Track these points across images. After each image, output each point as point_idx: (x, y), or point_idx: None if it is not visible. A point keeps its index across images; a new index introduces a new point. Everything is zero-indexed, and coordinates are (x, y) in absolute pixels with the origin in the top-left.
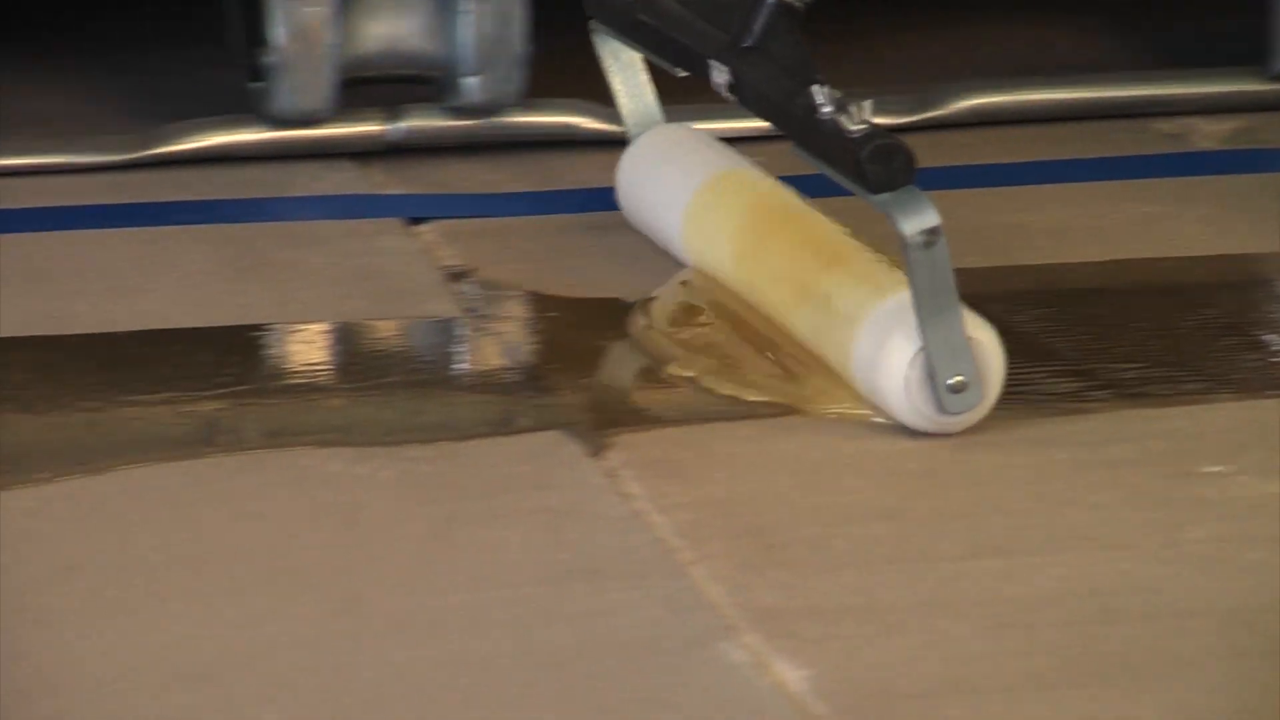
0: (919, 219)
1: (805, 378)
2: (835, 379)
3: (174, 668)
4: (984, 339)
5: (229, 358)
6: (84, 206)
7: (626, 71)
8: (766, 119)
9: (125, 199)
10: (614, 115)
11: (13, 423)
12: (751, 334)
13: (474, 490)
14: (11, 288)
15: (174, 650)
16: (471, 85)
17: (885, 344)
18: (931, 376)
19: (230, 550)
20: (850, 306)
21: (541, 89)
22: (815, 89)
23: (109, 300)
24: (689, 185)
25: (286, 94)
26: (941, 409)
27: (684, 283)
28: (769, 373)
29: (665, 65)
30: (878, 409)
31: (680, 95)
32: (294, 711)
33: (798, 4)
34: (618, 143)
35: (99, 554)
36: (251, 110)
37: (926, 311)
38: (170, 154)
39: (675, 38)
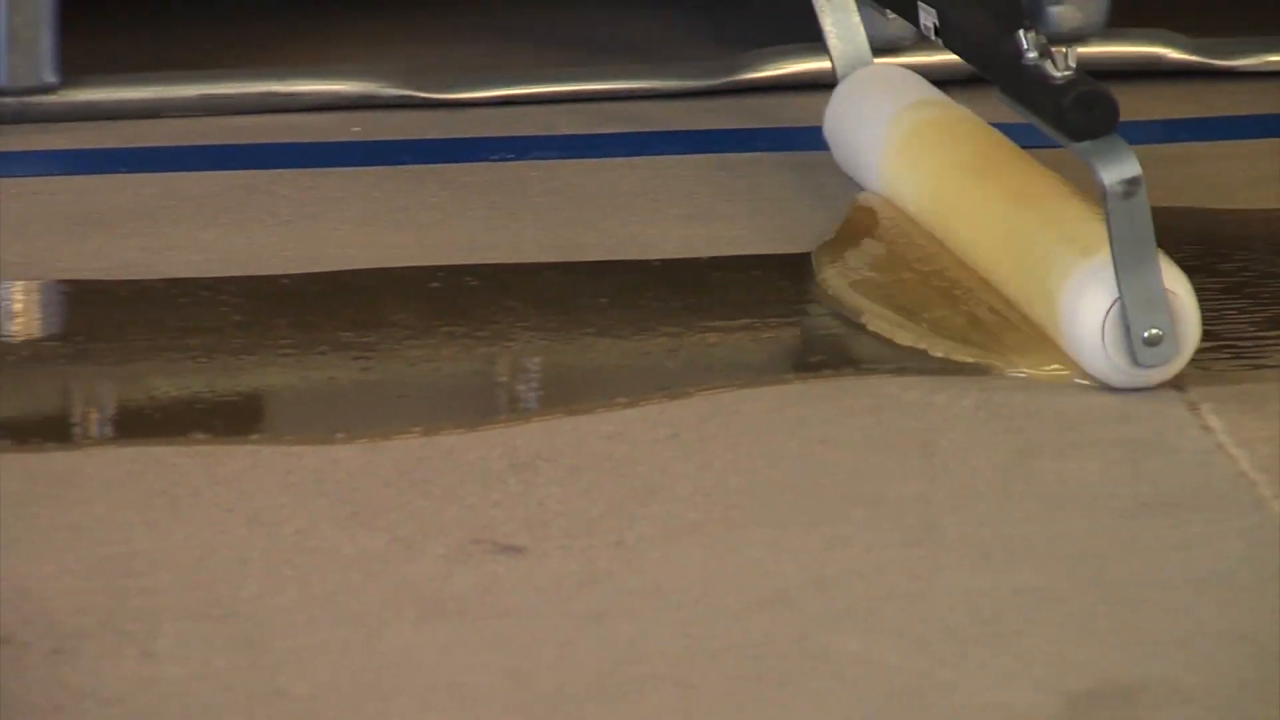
0: (1119, 168)
1: (1001, 333)
2: (1031, 334)
3: (751, 592)
4: (1180, 292)
5: (808, 285)
6: (667, 132)
7: (839, 12)
8: (971, 62)
9: (708, 125)
10: (1201, 46)
11: (595, 346)
12: (941, 277)
13: (1052, 421)
14: (595, 212)
15: (751, 575)
16: (1056, 15)
17: (1082, 295)
18: (1127, 329)
19: (808, 476)
20: (1057, 257)
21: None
22: (1021, 34)
23: (687, 225)
24: (892, 123)
25: (866, 23)
26: (1135, 362)
27: (861, 210)
28: (959, 327)
29: (874, 7)
30: (1074, 365)
31: None
32: (870, 639)
33: None
34: (1203, 75)
35: (679, 478)
36: None
37: (1124, 262)
38: (752, 81)
39: None
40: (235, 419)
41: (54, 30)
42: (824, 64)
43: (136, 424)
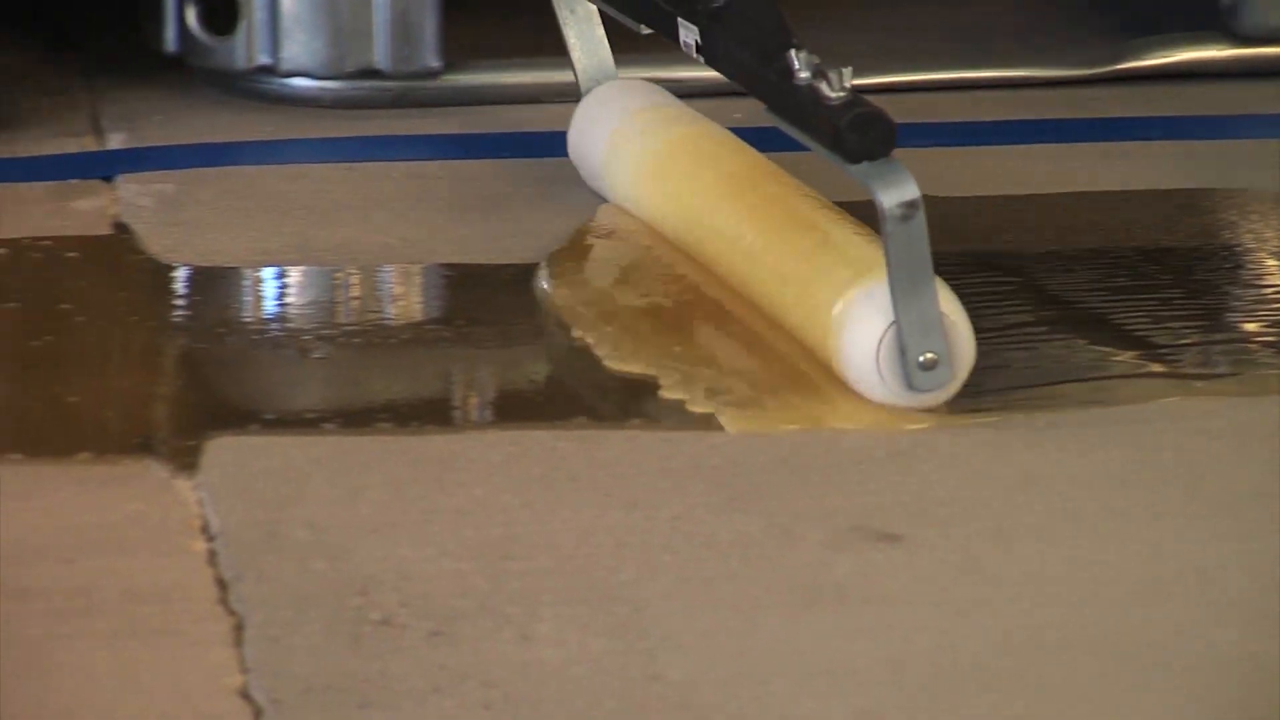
0: (898, 191)
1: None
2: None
3: (1130, 583)
4: (955, 316)
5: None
6: (1046, 121)
7: (582, 24)
8: (736, 81)
9: (1088, 114)
10: None
11: None
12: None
13: None
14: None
15: (1130, 566)
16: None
17: (857, 318)
18: (902, 352)
19: (1187, 467)
20: (829, 279)
21: None
22: (792, 53)
23: None
24: (643, 142)
25: (1258, 10)
26: (910, 386)
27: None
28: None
29: (627, 21)
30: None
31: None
32: (1250, 632)
33: None
34: None
35: (1057, 467)
36: (1220, 27)
37: (901, 285)
38: (1135, 69)
39: None
40: (615, 404)
41: (437, 15)
42: (1212, 52)
43: (516, 407)
